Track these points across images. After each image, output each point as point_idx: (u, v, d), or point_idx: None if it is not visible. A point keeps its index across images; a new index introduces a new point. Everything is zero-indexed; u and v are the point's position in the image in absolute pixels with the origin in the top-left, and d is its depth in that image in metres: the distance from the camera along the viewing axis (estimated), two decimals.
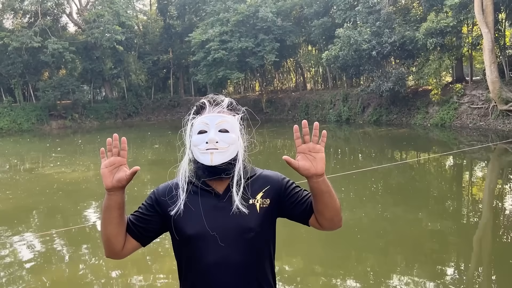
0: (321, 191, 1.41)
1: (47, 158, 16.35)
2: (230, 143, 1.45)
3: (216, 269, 1.44)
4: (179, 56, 39.31)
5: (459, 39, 19.09)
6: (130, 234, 1.51)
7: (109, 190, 1.42)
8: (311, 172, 1.38)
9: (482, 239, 5.70)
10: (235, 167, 1.47)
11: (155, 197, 1.54)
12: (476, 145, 13.73)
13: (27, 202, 8.99)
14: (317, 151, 1.39)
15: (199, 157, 1.46)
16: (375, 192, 8.35)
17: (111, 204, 1.43)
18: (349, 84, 27.67)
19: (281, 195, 1.52)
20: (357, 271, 4.66)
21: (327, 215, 1.46)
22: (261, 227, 1.48)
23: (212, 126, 1.46)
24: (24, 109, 32.55)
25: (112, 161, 1.43)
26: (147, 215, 1.52)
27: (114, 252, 1.50)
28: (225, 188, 1.49)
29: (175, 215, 1.47)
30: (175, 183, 1.53)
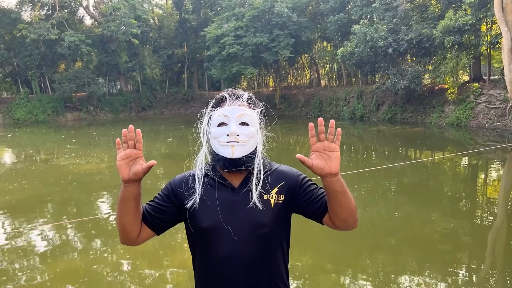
0: (335, 191, 1.39)
1: (62, 149, 16.56)
2: (250, 137, 1.46)
3: (228, 262, 1.45)
4: (193, 51, 39.43)
5: (477, 37, 18.75)
6: (146, 223, 1.53)
7: (125, 182, 1.43)
8: (325, 171, 1.37)
9: (496, 241, 5.61)
10: (254, 160, 1.47)
11: (171, 188, 1.56)
12: (492, 146, 13.51)
13: (42, 192, 9.13)
14: (332, 150, 1.38)
15: (219, 150, 1.46)
16: (387, 191, 8.26)
17: (128, 195, 1.45)
18: (364, 81, 27.44)
19: (296, 192, 1.52)
20: (368, 270, 4.63)
21: (341, 215, 1.44)
22: (274, 223, 1.48)
23: (233, 119, 1.46)
24: (40, 101, 33.04)
25: (128, 153, 1.44)
26: (163, 206, 1.54)
27: (129, 240, 1.53)
28: (241, 182, 1.50)
29: (191, 208, 1.49)
30: (192, 175, 1.54)
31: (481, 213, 6.93)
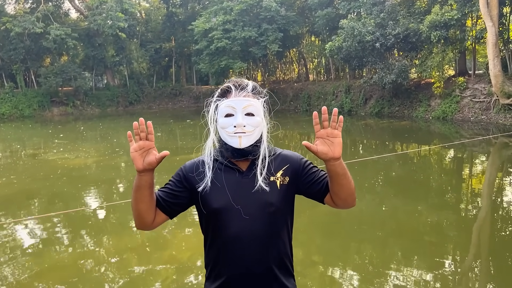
0: (337, 174, 1.51)
1: (50, 144, 16.43)
2: (255, 126, 1.55)
3: (239, 239, 1.55)
4: (181, 45, 39.17)
5: (463, 32, 19.03)
6: (160, 209, 1.62)
7: (140, 172, 1.51)
8: (329, 156, 1.47)
9: (480, 232, 5.74)
10: (259, 148, 1.56)
11: (183, 173, 1.64)
12: (477, 138, 13.78)
13: (32, 186, 9.08)
14: (335, 136, 1.49)
15: (227, 140, 1.56)
16: (374, 184, 8.39)
17: (142, 184, 1.53)
18: (352, 75, 27.63)
19: (299, 174, 1.62)
20: (356, 262, 4.70)
21: (342, 195, 1.56)
22: (281, 202, 1.59)
23: (239, 110, 1.54)
24: (25, 95, 32.57)
25: (141, 145, 1.51)
26: (176, 191, 1.62)
27: (145, 225, 1.62)
28: (248, 166, 1.60)
29: (202, 191, 1.58)
30: (201, 161, 1.63)
31: (466, 204, 7.07)
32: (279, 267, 1.60)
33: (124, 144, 15.87)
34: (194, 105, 37.58)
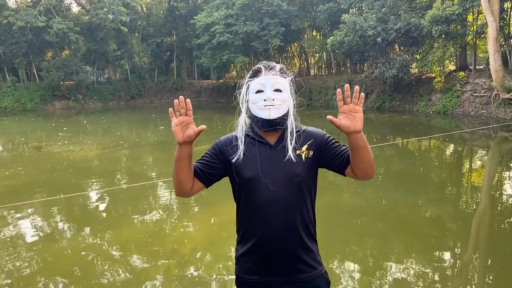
0: (358, 146, 1.67)
1: (54, 137, 16.58)
2: (283, 101, 1.73)
3: (267, 206, 1.73)
4: (182, 39, 39.22)
5: (464, 27, 19.12)
6: (197, 178, 1.81)
7: (180, 144, 1.71)
8: (351, 129, 1.64)
9: (479, 226, 5.76)
10: (287, 121, 1.74)
11: (218, 147, 1.83)
12: (477, 132, 13.94)
13: (39, 178, 9.25)
14: (357, 111, 1.65)
15: (257, 113, 1.73)
16: (375, 177, 8.49)
17: (182, 155, 1.73)
18: (353, 70, 27.73)
19: (322, 148, 1.80)
20: (356, 255, 4.71)
21: (362, 166, 1.72)
22: (305, 173, 1.76)
23: (268, 86, 1.72)
24: (27, 89, 32.68)
25: (181, 120, 1.70)
26: (212, 163, 1.82)
27: (184, 192, 1.81)
28: (277, 140, 1.78)
29: (236, 162, 1.76)
30: (234, 136, 1.82)
31: (466, 198, 7.09)
32: (304, 231, 1.78)
33: (127, 137, 16.06)
34: (195, 99, 37.66)
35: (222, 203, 6.73)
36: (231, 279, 4.11)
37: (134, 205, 6.88)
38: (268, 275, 1.78)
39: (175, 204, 7.00)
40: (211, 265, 4.56)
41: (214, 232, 5.70)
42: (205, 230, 5.81)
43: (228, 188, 1.91)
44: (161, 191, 7.88)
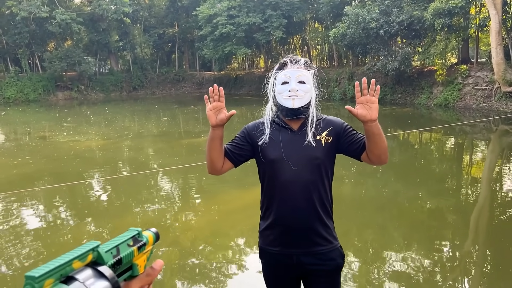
0: (374, 133, 1.83)
1: (59, 127, 16.75)
2: (306, 91, 1.91)
3: (289, 184, 1.92)
4: (184, 30, 39.22)
5: (466, 20, 19.16)
6: (228, 158, 2.02)
7: (213, 127, 1.91)
8: (367, 118, 1.81)
9: (479, 218, 5.77)
10: (309, 110, 1.94)
11: (246, 131, 2.05)
12: (478, 126, 14.09)
13: (48, 167, 9.43)
14: (373, 102, 1.83)
15: (282, 102, 1.93)
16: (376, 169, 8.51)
17: (215, 136, 1.93)
18: (355, 62, 27.79)
19: (341, 135, 1.98)
20: (356, 246, 4.76)
21: (376, 152, 1.88)
22: (324, 156, 1.95)
23: (293, 78, 1.91)
24: (30, 80, 32.80)
25: (215, 105, 1.91)
26: (240, 145, 2.03)
27: (215, 170, 2.02)
28: (299, 126, 1.98)
29: (262, 145, 1.96)
30: (261, 122, 2.02)
31: (466, 190, 7.10)
32: (321, 208, 1.96)
33: (131, 128, 16.22)
34: (197, 91, 37.75)
35: (224, 193, 6.90)
36: (232, 269, 4.24)
37: (137, 195, 7.02)
38: (289, 247, 1.96)
39: (177, 194, 7.16)
40: (212, 255, 4.60)
41: (216, 222, 5.76)
42: (206, 220, 5.86)
43: (231, 179, 2.11)
44: (164, 181, 8.05)
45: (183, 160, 9.53)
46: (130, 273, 0.63)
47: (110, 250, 0.58)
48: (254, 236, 5.08)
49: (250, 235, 5.08)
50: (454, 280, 3.94)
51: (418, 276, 3.99)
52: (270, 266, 2.06)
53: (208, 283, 3.99)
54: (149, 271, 0.66)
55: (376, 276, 4.04)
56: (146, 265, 0.66)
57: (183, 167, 8.66)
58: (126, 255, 0.60)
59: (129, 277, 0.63)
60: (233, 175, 7.72)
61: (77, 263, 0.51)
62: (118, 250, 0.59)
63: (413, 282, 3.86)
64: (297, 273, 2.02)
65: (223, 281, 4.06)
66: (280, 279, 2.06)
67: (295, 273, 2.02)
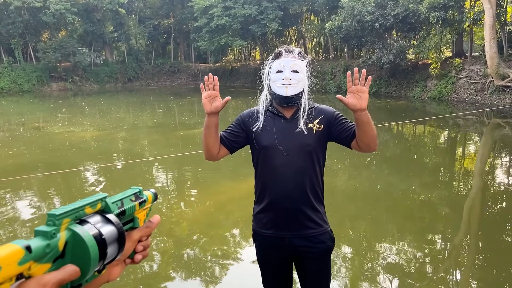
0: (363, 122, 1.91)
1: (54, 118, 16.70)
2: (299, 80, 1.98)
3: (281, 169, 2.01)
4: (180, 22, 39.03)
5: (461, 14, 19.25)
6: (223, 145, 2.10)
7: (208, 114, 1.99)
8: (357, 107, 1.88)
9: (470, 210, 5.82)
10: (301, 99, 2.01)
11: (241, 119, 2.12)
12: (471, 119, 14.23)
13: (43, 157, 9.43)
14: (363, 92, 1.89)
15: (276, 90, 2.00)
16: (370, 161, 8.53)
17: (210, 123, 2.01)
18: (350, 55, 27.83)
19: (332, 123, 2.06)
20: (350, 237, 4.78)
21: (365, 140, 1.97)
22: (315, 144, 2.03)
23: (287, 67, 1.98)
24: (24, 70, 32.58)
25: (210, 94, 1.99)
26: (236, 132, 2.11)
27: (211, 156, 2.10)
28: (292, 114, 2.05)
29: (256, 131, 2.04)
30: (256, 109, 2.10)
31: (458, 183, 7.17)
32: (312, 193, 2.04)
33: (126, 119, 16.22)
34: (193, 82, 37.67)
35: (219, 184, 6.95)
36: (226, 260, 4.29)
37: (132, 186, 7.04)
38: (281, 229, 2.05)
39: (172, 185, 7.20)
40: (207, 246, 4.63)
41: (211, 213, 5.77)
42: (201, 210, 5.88)
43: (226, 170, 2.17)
44: (159, 172, 8.10)
45: (179, 152, 9.58)
46: (132, 225, 0.71)
47: (115, 202, 0.66)
48: (249, 227, 5.15)
49: (244, 225, 5.15)
50: (446, 271, 4.02)
51: (410, 267, 4.05)
52: (263, 248, 2.14)
53: (203, 273, 4.03)
54: (148, 224, 0.74)
55: (369, 266, 4.09)
56: (145, 219, 0.74)
57: (178, 157, 8.72)
58: (129, 208, 0.68)
59: (130, 228, 0.71)
60: (228, 166, 7.80)
61: (88, 209, 0.60)
62: (122, 203, 0.68)
63: (406, 273, 3.92)
64: (289, 255, 2.10)
65: (218, 271, 4.11)
66: (272, 261, 2.14)
67: (287, 255, 2.10)
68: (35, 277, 0.51)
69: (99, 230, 0.58)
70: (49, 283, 0.52)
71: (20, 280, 0.50)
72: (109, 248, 0.59)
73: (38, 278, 0.51)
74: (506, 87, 17.00)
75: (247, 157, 2.23)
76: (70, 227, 0.56)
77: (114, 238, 0.60)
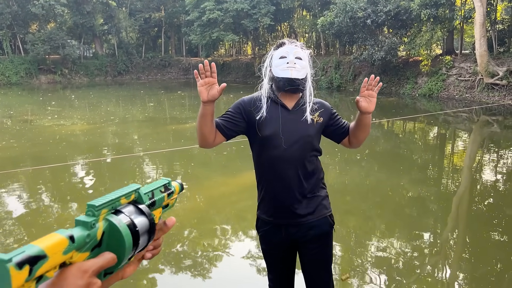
0: (366, 123, 2.06)
1: (43, 111, 16.52)
2: (303, 67, 2.02)
3: (281, 159, 2.04)
4: (171, 15, 38.73)
5: (452, 11, 19.38)
6: (220, 132, 2.05)
7: (204, 102, 1.91)
8: (367, 110, 2.00)
9: (459, 206, 5.86)
10: (305, 85, 2.05)
11: (242, 107, 2.09)
12: (460, 116, 14.37)
13: (33, 150, 9.33)
14: (373, 97, 2.01)
15: (279, 74, 2.01)
16: (360, 157, 8.51)
17: (206, 112, 1.94)
18: (342, 51, 27.88)
19: (329, 119, 2.14)
20: (339, 233, 4.73)
21: (361, 138, 2.13)
22: (315, 134, 2.09)
23: (291, 53, 2.02)
24: (12, 62, 32.13)
25: (206, 81, 1.90)
26: (235, 120, 2.07)
27: (207, 144, 2.05)
28: (294, 104, 2.08)
29: (259, 120, 2.03)
30: (258, 97, 2.08)
31: (447, 179, 7.24)
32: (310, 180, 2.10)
33: (117, 112, 16.10)
34: (184, 76, 37.49)
35: (210, 180, 6.92)
36: (216, 255, 4.29)
37: (122, 180, 7.01)
38: (279, 217, 2.11)
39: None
40: (197, 241, 4.62)
41: (201, 208, 5.76)
42: (192, 206, 5.85)
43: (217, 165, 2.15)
44: (149, 166, 8.05)
45: (170, 146, 9.54)
46: None
47: (147, 193, 0.68)
48: (239, 222, 5.18)
49: (235, 220, 5.16)
50: (434, 265, 4.07)
51: (399, 262, 4.10)
52: (265, 238, 2.19)
53: (193, 268, 4.04)
54: (161, 225, 0.75)
55: (358, 261, 4.13)
56: (160, 216, 0.75)
57: (169, 152, 8.69)
58: (159, 199, 0.71)
59: None
60: (220, 161, 7.78)
61: (123, 200, 0.63)
62: (153, 194, 0.70)
63: (394, 267, 3.97)
64: (289, 244, 2.16)
65: (208, 266, 4.11)
66: (274, 251, 2.20)
67: (288, 244, 2.15)
68: (76, 264, 0.54)
69: (133, 220, 0.62)
70: (89, 269, 0.55)
71: (62, 268, 0.53)
72: (141, 238, 0.63)
73: (79, 265, 0.54)
74: (495, 85, 17.19)
75: (239, 152, 2.24)
76: (107, 218, 0.59)
77: (145, 228, 0.64)
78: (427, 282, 3.77)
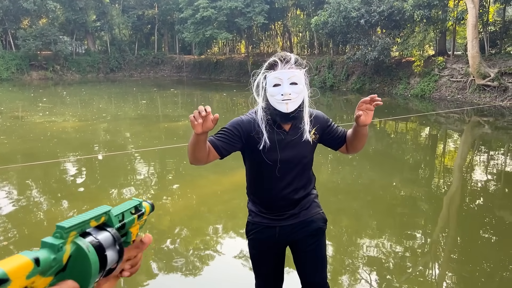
0: (363, 134, 2.11)
1: (34, 107, 16.37)
2: (298, 93, 1.95)
3: (276, 178, 2.06)
4: (164, 12, 38.54)
5: (445, 12, 19.50)
6: (216, 151, 1.97)
7: (198, 135, 1.78)
8: (364, 122, 2.01)
9: (450, 206, 5.89)
10: (302, 112, 2.02)
11: (242, 129, 2.02)
12: (452, 117, 14.47)
13: (24, 147, 9.24)
14: (370, 110, 2.02)
15: (276, 106, 1.96)
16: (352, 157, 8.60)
17: (199, 141, 1.82)
18: (335, 51, 27.94)
19: (325, 130, 2.17)
20: (331, 233, 4.73)
21: (358, 147, 2.20)
22: (311, 154, 2.14)
23: (285, 80, 1.93)
24: (3, 58, 31.79)
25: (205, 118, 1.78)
26: (233, 142, 2.00)
27: (200, 163, 1.97)
28: (290, 127, 2.06)
29: (259, 147, 2.01)
30: (256, 122, 2.03)
31: (438, 179, 7.27)
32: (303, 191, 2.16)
33: (109, 110, 16.00)
34: (176, 74, 37.35)
35: (202, 178, 6.89)
36: (208, 253, 4.28)
37: (113, 178, 6.98)
38: (272, 219, 2.16)
39: (154, 177, 7.14)
40: (188, 239, 4.61)
41: (193, 207, 5.74)
42: (184, 204, 5.83)
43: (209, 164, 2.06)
44: (141, 164, 8.02)
45: (162, 144, 9.50)
46: (125, 239, 0.70)
47: (117, 215, 0.66)
48: (231, 220, 5.17)
49: (227, 219, 5.15)
50: (425, 265, 4.09)
51: (390, 262, 4.11)
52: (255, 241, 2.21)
53: (184, 266, 4.03)
54: (138, 244, 0.73)
55: (350, 261, 4.13)
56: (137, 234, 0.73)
57: (161, 149, 8.65)
58: (129, 221, 0.69)
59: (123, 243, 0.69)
60: None
61: (93, 222, 0.60)
62: (123, 216, 0.68)
63: (385, 267, 3.98)
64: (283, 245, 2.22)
65: (199, 264, 4.10)
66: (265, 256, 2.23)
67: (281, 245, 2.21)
68: None
69: (102, 244, 0.59)
70: None
71: None
72: (109, 262, 0.60)
73: None
74: (487, 86, 17.32)
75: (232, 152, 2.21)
76: (75, 241, 0.56)
77: (115, 256, 0.61)
78: (418, 281, 3.78)
